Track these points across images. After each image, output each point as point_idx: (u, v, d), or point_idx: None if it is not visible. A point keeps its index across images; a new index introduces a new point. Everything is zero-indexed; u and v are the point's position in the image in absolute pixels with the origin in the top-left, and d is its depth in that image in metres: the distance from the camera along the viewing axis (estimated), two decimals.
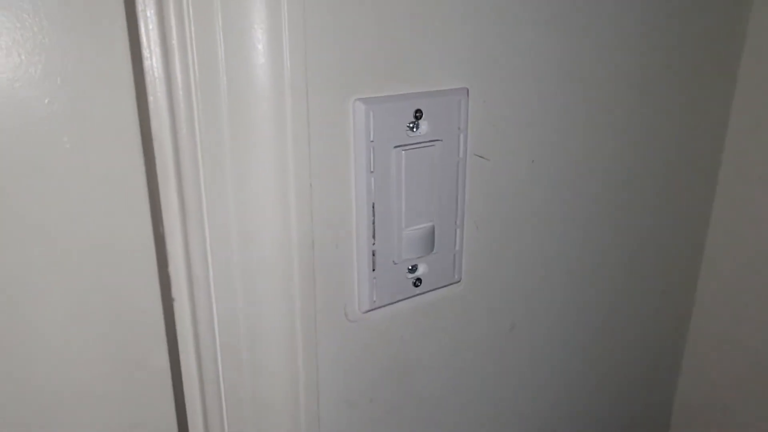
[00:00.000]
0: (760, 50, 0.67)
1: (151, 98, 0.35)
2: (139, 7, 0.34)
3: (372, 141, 0.42)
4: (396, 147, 0.43)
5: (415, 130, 0.44)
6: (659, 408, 0.83)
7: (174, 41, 0.35)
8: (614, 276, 0.66)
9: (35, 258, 0.35)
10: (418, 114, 0.44)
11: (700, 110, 0.67)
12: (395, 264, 0.46)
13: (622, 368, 0.73)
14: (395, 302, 0.48)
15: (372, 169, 0.43)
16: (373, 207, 0.44)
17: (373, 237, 0.45)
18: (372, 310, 0.47)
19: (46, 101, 0.33)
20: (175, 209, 0.37)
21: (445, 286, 0.50)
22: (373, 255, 0.45)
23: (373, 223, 0.44)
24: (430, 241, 0.47)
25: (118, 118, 0.35)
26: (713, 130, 0.70)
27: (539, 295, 0.58)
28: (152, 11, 0.34)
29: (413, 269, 0.48)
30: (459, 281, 0.51)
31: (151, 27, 0.34)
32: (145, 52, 0.34)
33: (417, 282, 0.48)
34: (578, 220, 0.59)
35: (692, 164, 0.69)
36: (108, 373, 0.38)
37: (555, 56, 0.50)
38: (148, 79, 0.34)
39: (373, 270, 0.45)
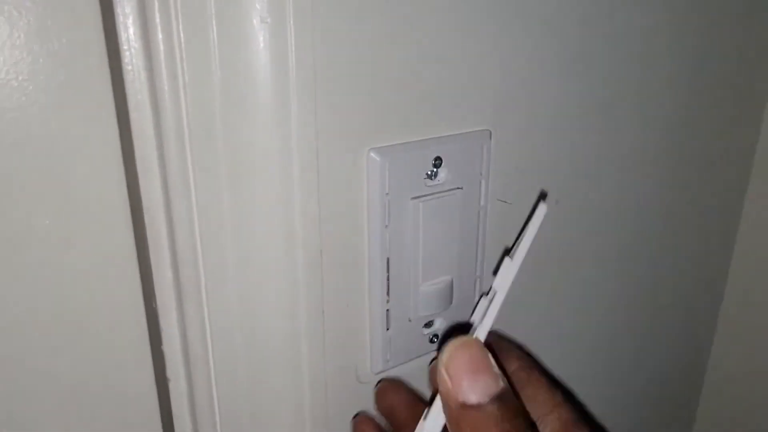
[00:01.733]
0: None
1: (140, 160, 0.31)
2: (127, 70, 0.29)
3: (387, 194, 0.38)
4: (413, 198, 0.39)
5: (433, 178, 0.40)
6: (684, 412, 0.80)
7: (165, 95, 0.30)
8: (638, 315, 0.62)
9: (18, 339, 0.31)
10: (437, 161, 0.40)
11: (732, 138, 0.63)
12: (410, 321, 0.43)
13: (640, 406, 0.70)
14: (409, 360, 0.44)
15: (387, 224, 0.39)
16: (387, 263, 0.40)
17: (387, 295, 0.41)
18: (385, 370, 0.43)
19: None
20: (170, 282, 0.33)
21: None
22: (387, 313, 0.41)
23: (388, 279, 0.40)
24: (448, 295, 0.43)
25: (103, 187, 0.30)
26: (742, 162, 0.66)
27: (561, 340, 0.55)
28: (140, 64, 0.29)
29: (429, 324, 0.44)
30: None
31: (139, 78, 0.29)
32: (133, 115, 0.30)
33: (434, 338, 0.44)
34: (603, 260, 0.55)
35: (720, 198, 0.65)
36: None
37: (576, 91, 0.46)
38: (137, 142, 0.30)
39: (387, 329, 0.42)
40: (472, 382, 0.25)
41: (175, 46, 0.29)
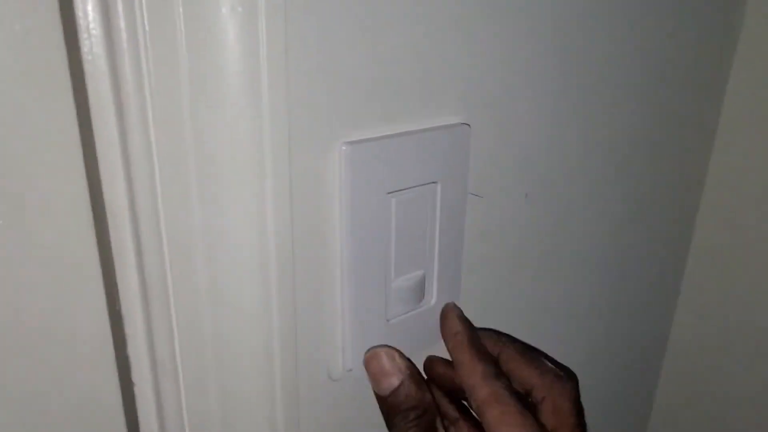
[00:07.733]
0: (752, 55, 0.64)
1: (102, 159, 0.29)
2: (87, 60, 0.28)
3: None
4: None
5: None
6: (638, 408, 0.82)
7: (130, 90, 0.29)
8: (602, 304, 0.63)
9: None
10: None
11: (693, 126, 0.64)
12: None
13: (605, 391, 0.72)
14: None
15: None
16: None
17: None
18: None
19: None
20: (135, 285, 0.31)
21: None
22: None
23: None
24: (420, 291, 0.43)
25: (62, 185, 0.29)
26: (704, 140, 0.67)
27: (528, 333, 0.55)
28: (101, 53, 0.28)
29: None
30: None
31: (100, 70, 0.28)
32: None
33: None
34: (568, 252, 0.55)
35: (683, 188, 0.67)
36: None
37: (552, 86, 0.46)
38: (99, 140, 0.28)
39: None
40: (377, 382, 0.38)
41: (139, 37, 0.28)
